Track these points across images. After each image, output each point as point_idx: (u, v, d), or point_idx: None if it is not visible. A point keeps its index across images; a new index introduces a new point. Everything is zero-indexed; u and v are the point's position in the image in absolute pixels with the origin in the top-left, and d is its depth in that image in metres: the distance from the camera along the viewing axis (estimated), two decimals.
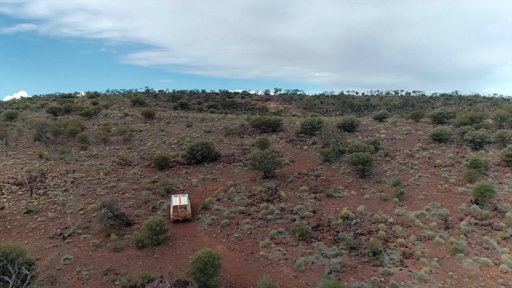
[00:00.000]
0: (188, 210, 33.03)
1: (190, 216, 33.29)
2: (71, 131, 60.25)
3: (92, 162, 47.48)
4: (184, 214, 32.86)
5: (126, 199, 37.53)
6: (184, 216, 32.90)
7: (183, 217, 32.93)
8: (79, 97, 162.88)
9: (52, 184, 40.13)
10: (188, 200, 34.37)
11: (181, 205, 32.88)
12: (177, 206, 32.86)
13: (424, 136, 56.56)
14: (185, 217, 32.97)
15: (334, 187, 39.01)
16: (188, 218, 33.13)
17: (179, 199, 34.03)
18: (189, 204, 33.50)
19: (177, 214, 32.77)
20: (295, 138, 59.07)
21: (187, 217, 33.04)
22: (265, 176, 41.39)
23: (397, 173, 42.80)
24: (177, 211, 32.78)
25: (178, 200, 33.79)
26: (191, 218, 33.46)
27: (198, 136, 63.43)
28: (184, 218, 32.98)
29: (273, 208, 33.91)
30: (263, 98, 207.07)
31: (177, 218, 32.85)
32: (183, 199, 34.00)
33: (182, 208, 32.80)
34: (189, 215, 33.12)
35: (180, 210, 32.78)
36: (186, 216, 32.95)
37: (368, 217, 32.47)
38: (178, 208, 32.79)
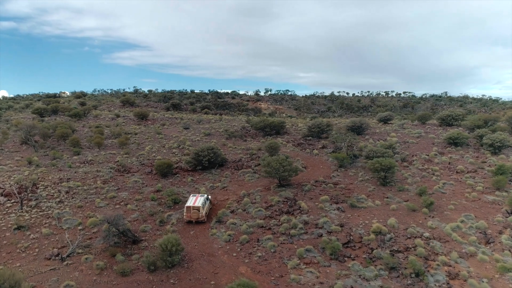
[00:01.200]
0: (202, 212, 31.60)
1: (204, 219, 31.98)
2: (62, 134, 55.85)
3: (88, 169, 43.44)
4: (196, 216, 31.56)
5: (129, 212, 33.82)
6: (196, 218, 31.66)
7: (196, 219, 31.70)
8: (64, 97, 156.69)
9: (45, 194, 36.08)
10: (206, 201, 33.01)
11: (194, 206, 31.51)
12: (190, 207, 31.63)
13: (437, 139, 54.21)
14: (198, 219, 31.69)
15: (356, 196, 36.05)
16: (201, 220, 31.85)
17: (195, 199, 32.60)
18: (205, 206, 32.38)
19: (190, 215, 31.64)
20: (303, 141, 55.98)
21: (200, 219, 31.74)
22: (280, 185, 38.17)
23: (419, 180, 40.12)
24: (190, 211, 31.62)
25: (194, 200, 32.43)
26: (204, 220, 32.13)
27: (198, 139, 59.78)
28: (197, 220, 31.73)
29: (296, 222, 30.70)
30: (254, 99, 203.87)
31: (189, 219, 31.77)
32: (199, 200, 32.37)
33: (194, 210, 31.50)
34: (203, 217, 31.77)
35: (193, 212, 31.54)
36: (198, 218, 31.66)
37: (401, 231, 29.56)
38: (191, 209, 31.57)
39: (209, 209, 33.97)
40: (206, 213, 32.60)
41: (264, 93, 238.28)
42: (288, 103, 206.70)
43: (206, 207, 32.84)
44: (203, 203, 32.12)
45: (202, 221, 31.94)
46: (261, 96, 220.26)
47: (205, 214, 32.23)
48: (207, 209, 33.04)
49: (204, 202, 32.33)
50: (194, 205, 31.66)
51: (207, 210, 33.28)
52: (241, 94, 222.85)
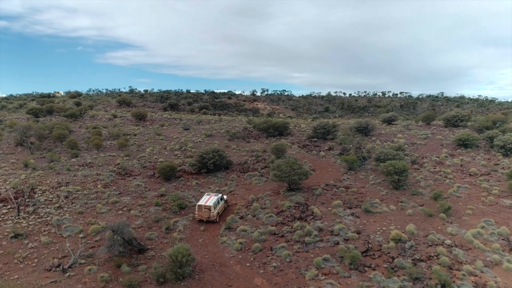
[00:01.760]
0: (213, 212, 31.06)
1: (215, 218, 31.42)
2: (58, 135, 53.87)
3: (87, 172, 41.59)
4: (207, 215, 31.10)
5: (133, 218, 32.09)
6: (207, 218, 31.19)
7: (207, 218, 31.25)
8: (59, 96, 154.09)
9: (43, 199, 34.21)
10: (219, 201, 32.44)
11: (205, 205, 31.08)
12: (202, 206, 31.23)
13: (446, 140, 53.01)
14: (209, 218, 31.20)
15: (369, 201, 34.63)
16: (212, 219, 31.31)
17: (208, 198, 32.15)
18: (217, 206, 31.84)
19: (201, 214, 31.28)
20: (308, 143, 54.49)
21: (211, 218, 31.23)
22: (289, 188, 36.65)
23: (432, 183, 38.82)
24: (201, 210, 31.22)
25: (206, 199, 32.01)
26: (215, 220, 31.58)
27: (200, 140, 58.07)
28: (208, 219, 31.26)
29: (310, 228, 29.17)
30: (250, 99, 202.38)
31: (200, 218, 31.39)
32: (212, 199, 31.84)
33: (206, 209, 31.06)
34: (214, 217, 31.24)
35: (204, 211, 31.10)
36: (209, 217, 31.16)
37: (422, 239, 28.15)
38: (202, 208, 31.15)
39: (223, 209, 33.45)
40: (218, 213, 32.03)
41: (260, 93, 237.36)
42: (285, 103, 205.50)
43: (219, 207, 32.27)
44: (215, 203, 31.53)
45: (213, 220, 31.35)
46: (257, 96, 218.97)
47: (216, 214, 31.57)
48: (220, 209, 32.45)
49: (216, 202, 31.77)
50: (205, 204, 31.13)
51: (220, 210, 32.69)
52: (237, 94, 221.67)
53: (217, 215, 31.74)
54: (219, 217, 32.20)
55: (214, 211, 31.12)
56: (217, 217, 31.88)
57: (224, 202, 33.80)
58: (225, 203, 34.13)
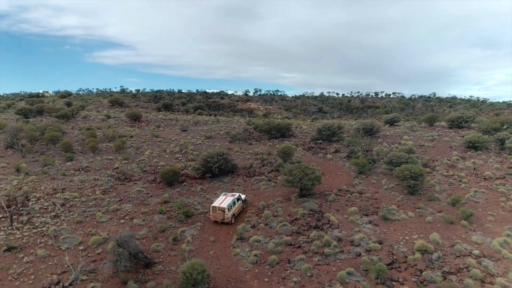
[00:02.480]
0: (227, 213, 30.19)
1: (229, 220, 30.53)
2: (51, 137, 51.18)
3: (84, 177, 39.14)
4: (221, 217, 30.35)
5: (136, 227, 29.85)
6: (221, 219, 30.42)
7: (221, 220, 30.47)
8: (48, 96, 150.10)
9: (38, 207, 31.78)
10: (235, 202, 31.67)
11: (219, 207, 30.30)
12: (216, 207, 30.51)
13: (453, 142, 51.68)
14: (223, 220, 30.40)
15: (386, 207, 32.93)
16: (226, 221, 30.50)
17: (224, 199, 31.38)
18: (232, 207, 30.99)
19: (214, 215, 30.59)
20: (313, 145, 52.65)
21: (225, 220, 30.40)
22: (301, 194, 34.77)
23: (447, 187, 37.32)
24: (215, 211, 30.54)
25: (221, 200, 31.21)
26: (230, 222, 30.72)
27: (200, 142, 55.86)
28: (222, 220, 30.49)
29: (328, 238, 27.31)
30: (243, 99, 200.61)
31: (215, 219, 30.72)
32: (227, 200, 31.03)
33: (219, 211, 30.34)
34: (228, 219, 30.35)
35: (218, 212, 30.39)
36: (224, 219, 30.36)
37: (448, 249, 26.49)
38: (217, 209, 30.46)
39: (240, 210, 32.77)
40: (234, 214, 31.30)
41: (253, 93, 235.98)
42: (278, 103, 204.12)
43: (235, 208, 31.52)
44: (230, 204, 30.67)
45: (227, 222, 30.54)
46: (250, 97, 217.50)
47: (231, 215, 30.72)
48: (236, 210, 31.73)
49: (232, 203, 31.00)
50: (219, 205, 30.32)
51: (236, 212, 31.96)
52: (230, 94, 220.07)
53: (232, 217, 30.83)
54: (234, 218, 31.42)
55: (228, 213, 30.19)
56: (232, 218, 30.99)
57: (241, 202, 33.10)
58: (243, 203, 33.43)
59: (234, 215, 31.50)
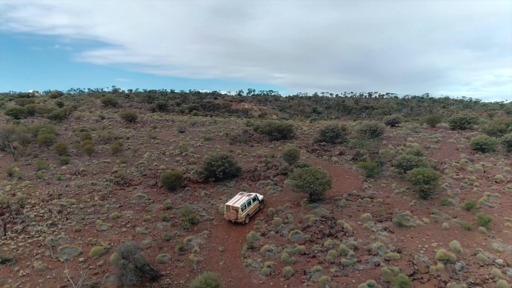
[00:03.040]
0: (240, 214, 29.66)
1: (243, 220, 29.98)
2: (45, 139, 49.04)
3: (81, 182, 37.24)
4: (234, 217, 29.89)
5: (140, 236, 28.14)
6: (235, 219, 29.94)
7: (234, 220, 29.99)
8: (38, 96, 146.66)
9: (33, 215, 29.88)
10: (250, 202, 31.14)
11: (233, 206, 29.91)
12: (230, 206, 30.16)
13: (459, 144, 50.75)
14: (236, 219, 29.89)
15: (399, 213, 31.66)
16: (240, 221, 29.99)
17: (239, 199, 30.99)
18: (247, 208, 30.45)
19: (228, 214, 30.24)
20: (317, 147, 51.27)
21: (239, 220, 29.88)
22: (310, 199, 33.35)
23: (459, 191, 36.21)
24: (229, 211, 30.18)
25: (236, 200, 30.86)
26: (244, 222, 30.18)
27: (199, 144, 54.15)
28: (236, 220, 29.99)
29: (344, 247, 25.89)
30: (237, 99, 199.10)
31: (228, 218, 30.35)
32: (242, 200, 30.56)
33: (233, 210, 29.91)
34: (241, 219, 29.83)
35: (231, 212, 29.98)
36: (237, 219, 29.86)
37: (470, 258, 25.25)
38: (230, 209, 30.08)
39: (256, 210, 32.25)
40: (248, 214, 30.79)
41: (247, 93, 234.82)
42: (272, 103, 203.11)
43: (250, 209, 30.97)
44: (244, 204, 30.19)
45: (241, 222, 30.03)
46: (244, 97, 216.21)
47: (245, 216, 30.21)
48: (251, 211, 31.22)
49: (246, 203, 30.53)
50: (233, 205, 29.91)
51: (251, 212, 31.42)
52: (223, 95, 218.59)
53: (246, 217, 30.29)
54: (249, 219, 30.90)
55: (241, 213, 29.67)
56: (246, 218, 30.44)
57: (258, 202, 32.44)
58: (259, 203, 32.74)
59: (249, 215, 30.84)
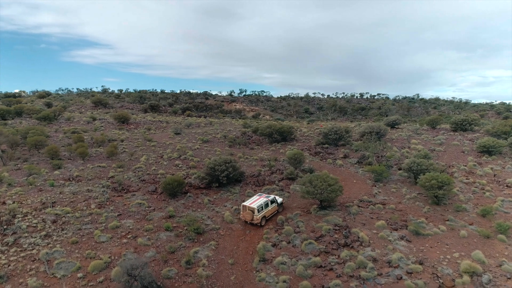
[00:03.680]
0: (256, 215, 29.14)
1: (258, 222, 29.42)
2: (35, 142, 46.59)
3: (75, 188, 35.06)
4: (250, 218, 29.43)
5: (142, 248, 26.18)
6: (250, 220, 29.51)
7: (250, 220, 29.59)
8: (26, 96, 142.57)
9: (25, 226, 27.67)
10: (267, 205, 30.39)
11: (249, 206, 29.58)
12: (246, 206, 29.88)
13: (464, 146, 49.77)
14: (252, 221, 29.48)
15: (414, 220, 30.28)
16: (255, 223, 29.51)
17: (256, 200, 30.61)
18: (263, 209, 29.80)
19: (244, 214, 29.81)
20: (320, 150, 49.76)
21: (254, 221, 29.44)
22: (321, 206, 31.77)
23: (472, 196, 35.04)
24: (245, 210, 29.90)
25: (253, 201, 30.52)
26: (260, 224, 29.59)
27: (197, 147, 52.22)
28: (251, 221, 29.58)
29: (362, 259, 24.35)
30: (228, 99, 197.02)
31: (244, 219, 29.95)
32: (259, 202, 30.00)
33: (249, 210, 29.63)
34: (257, 220, 29.31)
35: (247, 212, 29.55)
36: (252, 220, 29.43)
37: (495, 269, 23.93)
38: (246, 209, 29.82)
39: (273, 213, 31.44)
40: (265, 216, 30.12)
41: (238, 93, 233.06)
42: (263, 104, 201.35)
43: (267, 211, 30.27)
44: (261, 206, 29.64)
45: (257, 224, 29.56)
46: (235, 97, 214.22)
47: (261, 217, 29.58)
48: (268, 213, 30.51)
49: (264, 205, 29.91)
50: (249, 205, 29.59)
51: (269, 214, 30.69)
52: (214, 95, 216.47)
53: (262, 219, 29.66)
54: (265, 221, 30.25)
55: (257, 214, 29.15)
56: (263, 221, 29.82)
57: (276, 205, 31.67)
58: (278, 206, 31.94)
59: (265, 218, 30.15)
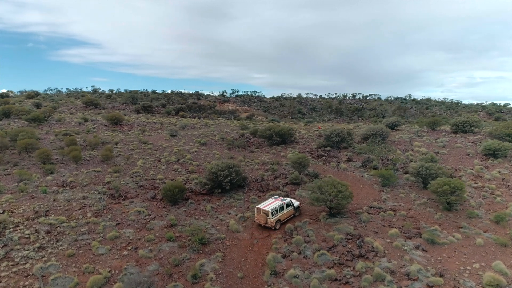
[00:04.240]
0: (270, 218, 28.51)
1: (272, 225, 28.75)
2: (25, 145, 44.40)
3: (70, 195, 33.13)
4: (263, 221, 28.82)
5: (144, 261, 24.48)
6: (264, 223, 28.86)
7: (264, 223, 28.94)
8: (13, 96, 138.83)
9: (17, 237, 25.73)
10: (282, 208, 29.66)
11: (263, 209, 28.88)
12: (260, 209, 29.14)
13: (467, 149, 48.92)
14: (266, 224, 28.85)
15: (427, 227, 29.11)
16: (269, 226, 28.87)
17: (271, 203, 29.90)
18: (278, 213, 29.11)
19: (258, 217, 29.18)
20: (323, 153, 48.44)
21: (268, 225, 28.81)
22: (330, 214, 30.41)
23: (483, 202, 34.07)
24: (259, 213, 29.15)
25: (268, 203, 29.82)
26: (274, 227, 28.90)
27: (195, 150, 50.50)
28: (265, 225, 28.94)
29: (379, 271, 23.01)
30: (220, 100, 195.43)
31: (258, 222, 29.26)
32: (274, 205, 29.33)
33: (263, 213, 28.89)
34: (271, 224, 28.68)
35: (261, 215, 28.89)
36: (266, 223, 28.80)
37: None
38: (261, 211, 29.05)
39: (289, 217, 30.71)
40: (280, 220, 29.46)
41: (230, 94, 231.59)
42: (256, 104, 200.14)
43: (282, 214, 29.59)
44: (276, 209, 28.97)
45: (270, 227, 28.94)
46: (227, 97, 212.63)
47: (276, 221, 28.91)
48: (283, 217, 29.84)
49: (279, 208, 29.27)
50: (264, 208, 28.88)
51: (284, 218, 30.01)
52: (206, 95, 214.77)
53: (276, 223, 29.01)
54: (280, 224, 29.47)
55: (272, 217, 28.51)
56: (277, 224, 29.12)
57: (292, 208, 30.94)
58: (294, 209, 31.18)
59: (280, 221, 29.46)
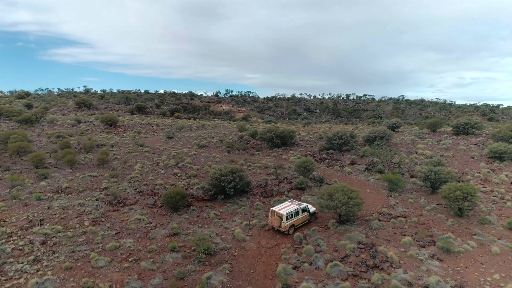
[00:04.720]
0: (284, 222, 27.74)
1: (286, 230, 27.92)
2: (17, 148, 42.59)
3: (65, 202, 31.53)
4: (277, 224, 28.11)
5: (147, 274, 23.04)
6: (277, 226, 28.15)
7: (277, 227, 28.22)
8: (3, 96, 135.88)
9: (10, 249, 24.16)
10: (297, 213, 28.85)
11: (278, 212, 28.17)
12: (274, 211, 28.45)
13: (471, 152, 48.16)
14: (279, 227, 28.07)
15: (440, 235, 28.07)
16: (282, 230, 28.03)
17: (286, 206, 29.20)
18: (292, 218, 28.35)
19: (272, 220, 28.49)
20: (325, 156, 47.28)
21: (281, 229, 27.98)
22: (340, 221, 29.23)
23: (493, 207, 33.16)
24: (273, 216, 28.47)
25: (283, 207, 29.12)
26: (287, 232, 28.04)
27: (194, 153, 49.03)
28: (278, 228, 28.17)
29: (396, 283, 21.85)
30: (214, 100, 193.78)
31: (271, 225, 28.71)
32: (289, 209, 28.60)
33: (277, 216, 28.18)
34: (285, 228, 27.85)
35: (275, 218, 28.16)
36: (280, 227, 28.02)
37: None
38: (275, 214, 28.35)
39: (304, 222, 29.83)
40: (294, 225, 28.61)
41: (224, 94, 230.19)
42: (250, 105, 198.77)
43: (297, 219, 28.80)
44: (291, 213, 28.22)
45: (284, 231, 28.04)
46: (221, 98, 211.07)
47: (290, 225, 28.08)
48: (298, 222, 29.04)
49: (294, 212, 28.50)
50: (278, 211, 28.14)
51: (298, 223, 29.21)
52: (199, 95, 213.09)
53: (290, 227, 28.19)
54: (294, 229, 28.67)
55: (286, 221, 27.72)
56: (290, 229, 28.28)
57: (307, 214, 30.05)
58: (309, 215, 30.28)
59: (294, 226, 28.67)
